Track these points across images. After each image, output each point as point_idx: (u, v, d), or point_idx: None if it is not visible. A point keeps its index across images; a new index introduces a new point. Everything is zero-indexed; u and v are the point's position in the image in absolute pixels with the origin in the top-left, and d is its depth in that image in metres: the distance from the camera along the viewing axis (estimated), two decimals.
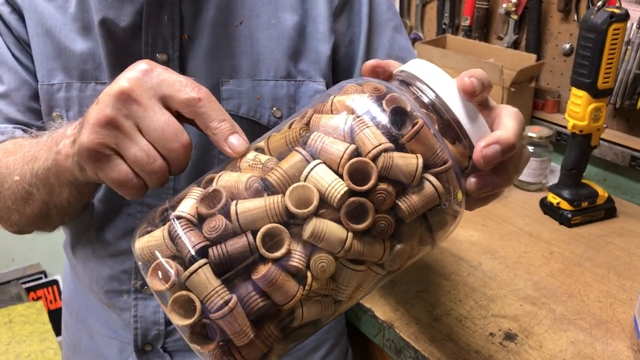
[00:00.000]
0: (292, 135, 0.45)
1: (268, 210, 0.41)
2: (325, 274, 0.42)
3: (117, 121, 0.45)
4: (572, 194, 1.09)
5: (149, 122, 0.45)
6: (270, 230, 0.41)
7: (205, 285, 0.40)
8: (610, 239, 1.04)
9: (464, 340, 0.80)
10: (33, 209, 0.62)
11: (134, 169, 0.45)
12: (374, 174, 0.41)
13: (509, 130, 0.44)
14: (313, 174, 0.42)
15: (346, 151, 0.42)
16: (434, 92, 0.45)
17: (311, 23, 0.72)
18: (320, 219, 0.42)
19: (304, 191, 0.41)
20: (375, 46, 0.77)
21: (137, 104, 0.45)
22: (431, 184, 0.43)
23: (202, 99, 0.46)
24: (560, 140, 1.31)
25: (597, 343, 0.79)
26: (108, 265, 0.76)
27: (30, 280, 2.30)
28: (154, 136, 0.45)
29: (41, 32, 0.68)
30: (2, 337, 1.96)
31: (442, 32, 1.55)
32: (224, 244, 0.41)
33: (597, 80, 1.00)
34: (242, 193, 0.43)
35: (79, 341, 0.86)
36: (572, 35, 1.27)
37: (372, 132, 0.42)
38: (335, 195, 0.41)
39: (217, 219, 0.42)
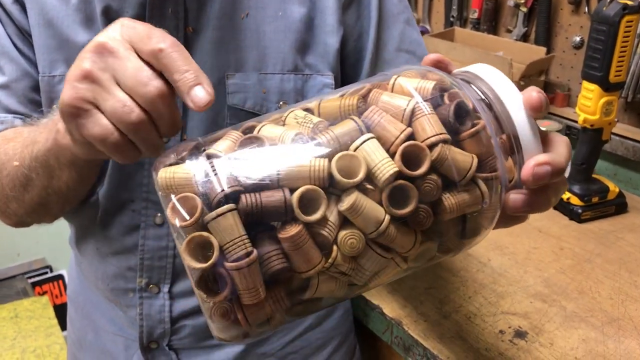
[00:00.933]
0: (348, 103, 0.43)
1: (311, 171, 0.39)
2: (353, 252, 0.40)
3: (93, 74, 0.44)
4: (583, 189, 1.07)
5: (123, 70, 0.44)
6: (310, 192, 0.39)
7: (232, 230, 0.38)
8: (621, 235, 1.02)
9: (473, 337, 0.79)
10: (32, 195, 0.61)
11: (113, 121, 0.44)
12: (426, 162, 0.40)
13: (561, 155, 0.44)
14: (365, 146, 0.40)
15: (403, 131, 0.40)
16: (500, 99, 0.44)
17: (319, 15, 0.70)
18: (362, 194, 0.40)
19: (352, 161, 0.39)
20: (385, 39, 0.75)
21: (113, 56, 0.44)
22: (479, 187, 0.42)
23: (164, 50, 0.43)
24: (571, 135, 1.29)
25: (609, 341, 0.77)
26: (113, 263, 0.75)
27: (36, 274, 2.30)
28: (128, 84, 0.43)
29: (42, 22, 0.67)
30: (8, 332, 1.96)
31: (450, 25, 1.53)
32: (259, 194, 0.39)
33: (609, 74, 0.98)
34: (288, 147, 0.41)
35: (84, 337, 0.86)
36: (583, 27, 1.25)
37: (434, 120, 0.40)
38: (384, 173, 0.39)
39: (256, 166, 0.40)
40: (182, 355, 0.78)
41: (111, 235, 0.73)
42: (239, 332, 0.42)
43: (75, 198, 0.66)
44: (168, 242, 0.72)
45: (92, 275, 0.79)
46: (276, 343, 0.81)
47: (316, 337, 0.84)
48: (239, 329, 0.41)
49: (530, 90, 0.44)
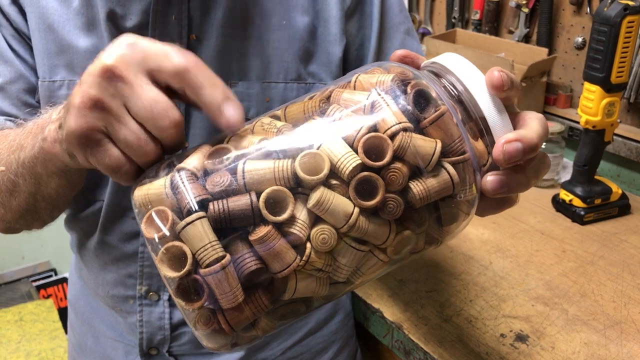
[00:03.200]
0: (310, 105, 0.43)
1: (276, 173, 0.40)
2: (326, 247, 0.41)
3: (103, 102, 0.41)
4: (585, 190, 1.07)
5: (136, 100, 0.41)
6: (275, 194, 0.40)
7: (201, 238, 0.39)
8: (624, 237, 1.02)
9: (474, 341, 0.78)
10: (20, 201, 0.60)
11: (126, 152, 0.43)
12: (389, 151, 0.40)
13: (533, 130, 0.43)
14: (327, 143, 0.40)
15: (364, 125, 0.41)
16: (462, 84, 0.44)
17: (322, 24, 0.70)
18: (328, 189, 0.40)
19: (315, 159, 0.40)
20: (386, 49, 0.75)
21: (123, 82, 0.41)
22: (447, 171, 0.42)
23: (189, 68, 0.42)
24: (573, 136, 1.29)
25: (611, 344, 0.77)
26: (112, 270, 0.75)
27: (41, 278, 2.31)
28: (143, 115, 0.41)
29: (43, 27, 0.66)
30: (12, 335, 1.97)
31: (451, 26, 1.53)
32: (226, 200, 0.39)
33: (611, 75, 0.97)
34: (249, 154, 0.41)
35: (84, 342, 0.86)
36: (585, 28, 1.25)
37: (393, 111, 0.41)
38: (347, 167, 0.40)
39: (222, 174, 0.40)
40: None
41: (111, 243, 0.73)
42: (227, 340, 0.42)
43: (65, 204, 0.65)
44: None
45: (92, 282, 0.79)
46: (276, 348, 0.81)
47: (317, 342, 0.84)
48: (225, 336, 0.41)
49: (491, 70, 0.43)
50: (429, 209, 0.43)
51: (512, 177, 0.44)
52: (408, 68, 0.45)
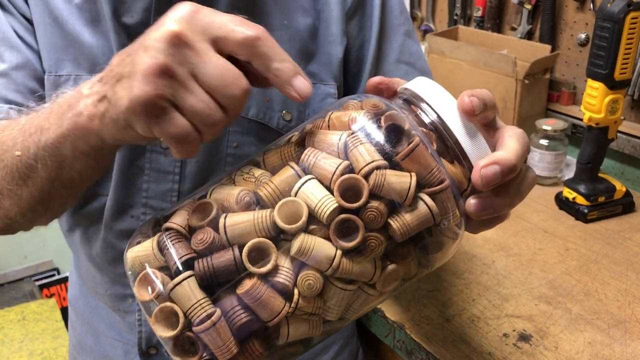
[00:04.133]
0: (287, 150, 0.45)
1: (256, 225, 0.41)
2: (313, 292, 0.42)
3: (172, 69, 0.40)
4: (589, 188, 1.06)
5: (205, 67, 0.40)
6: (257, 245, 0.41)
7: (189, 297, 0.40)
8: (628, 235, 1.01)
9: (476, 341, 0.78)
10: (33, 190, 0.56)
11: (193, 121, 0.41)
12: (365, 191, 0.41)
13: (510, 151, 0.43)
14: (303, 189, 0.41)
15: (338, 167, 0.41)
16: (434, 111, 0.44)
17: (323, 25, 0.70)
18: (309, 235, 0.41)
19: (294, 206, 0.41)
20: (385, 51, 0.75)
21: (190, 49, 0.40)
22: (425, 203, 0.42)
23: (260, 37, 0.41)
24: (576, 133, 1.28)
25: (616, 344, 0.76)
26: (111, 269, 0.75)
27: (43, 277, 2.31)
28: (213, 83, 0.40)
29: (49, 21, 0.65)
30: (15, 334, 1.97)
31: (453, 23, 1.52)
32: (210, 257, 0.41)
33: (614, 71, 0.96)
34: (233, 206, 0.43)
35: (84, 341, 0.86)
36: (588, 24, 1.24)
37: (366, 149, 0.41)
38: (324, 211, 0.40)
39: (205, 231, 0.42)
40: None
41: (110, 241, 0.73)
42: None
43: (81, 191, 0.62)
44: None
45: (91, 281, 0.79)
46: None
47: None
48: None
49: (463, 94, 0.43)
50: (412, 241, 0.44)
51: (494, 199, 0.44)
52: (381, 100, 0.45)
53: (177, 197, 0.70)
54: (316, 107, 0.71)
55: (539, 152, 1.17)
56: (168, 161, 0.68)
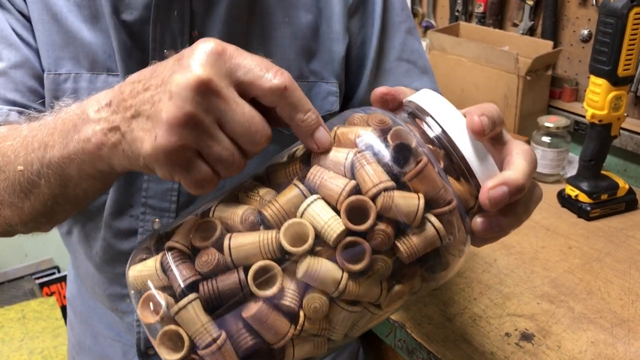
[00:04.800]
0: (292, 168, 0.44)
1: (261, 246, 0.40)
2: (318, 315, 0.41)
3: (197, 118, 0.39)
4: (591, 185, 1.05)
5: (232, 116, 0.40)
6: (263, 267, 0.40)
7: (194, 320, 0.40)
8: (631, 233, 1.00)
9: (478, 340, 0.77)
10: (35, 204, 0.54)
11: (215, 168, 0.42)
12: (372, 214, 0.40)
13: (519, 170, 0.42)
14: (310, 210, 0.40)
15: (345, 188, 0.40)
16: (442, 128, 0.43)
17: (325, 22, 0.69)
18: (315, 257, 0.40)
19: (300, 227, 0.40)
20: (387, 48, 0.74)
21: (217, 96, 0.39)
22: (432, 225, 0.41)
23: (289, 87, 0.41)
24: (579, 130, 1.27)
25: (619, 343, 0.75)
26: (109, 269, 0.74)
27: (44, 275, 2.30)
28: (239, 131, 0.40)
29: (47, 18, 0.65)
30: (15, 333, 1.97)
31: (455, 20, 1.51)
32: (215, 280, 0.40)
33: (617, 68, 0.96)
34: (237, 226, 0.42)
35: (83, 341, 0.85)
36: (591, 20, 1.23)
37: (373, 169, 0.41)
38: (331, 234, 0.40)
39: (209, 252, 0.41)
40: None
41: (108, 241, 0.72)
42: None
43: (86, 205, 0.60)
44: None
45: (89, 281, 0.78)
46: None
47: None
48: None
49: (472, 112, 0.42)
50: (418, 261, 0.43)
51: (501, 218, 0.44)
52: (386, 114, 0.45)
53: (177, 196, 0.69)
54: (317, 106, 0.70)
55: (541, 150, 1.16)
56: None
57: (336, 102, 0.72)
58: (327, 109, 0.71)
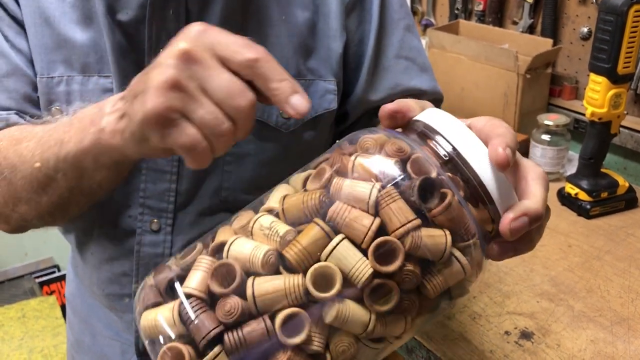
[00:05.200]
0: (311, 202, 0.42)
1: (288, 294, 0.39)
2: (346, 356, 0.41)
3: (181, 83, 0.43)
4: (591, 184, 1.05)
5: (213, 81, 0.43)
6: (290, 315, 0.39)
7: None
8: (631, 231, 1.00)
9: (477, 339, 0.77)
10: (52, 197, 0.58)
11: (203, 131, 0.44)
12: (400, 255, 0.39)
13: (538, 200, 0.43)
14: (336, 252, 0.39)
15: (371, 228, 0.39)
16: (463, 157, 0.42)
17: (322, 19, 0.69)
18: (343, 300, 0.39)
19: (326, 270, 0.39)
20: (385, 45, 0.74)
21: (199, 64, 0.43)
22: (458, 261, 0.41)
23: (260, 59, 0.44)
24: (579, 128, 1.27)
25: (619, 342, 0.75)
26: (107, 268, 0.74)
27: (44, 274, 2.30)
28: (220, 96, 0.43)
29: (39, 22, 0.64)
30: (15, 332, 1.97)
31: (454, 18, 1.51)
32: (240, 330, 0.39)
33: (617, 65, 0.95)
34: (258, 269, 0.40)
35: (82, 340, 0.85)
36: (591, 18, 1.22)
37: (399, 207, 0.40)
38: (360, 277, 0.39)
39: (232, 301, 0.39)
40: None
41: (107, 241, 0.72)
42: None
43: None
44: (164, 249, 0.70)
45: (88, 280, 0.78)
46: None
47: None
48: None
49: (496, 145, 0.42)
50: (441, 294, 0.43)
51: (517, 244, 0.44)
52: (402, 138, 0.44)
53: (175, 197, 0.69)
54: (315, 104, 0.70)
55: (541, 148, 1.16)
56: (165, 161, 0.67)
57: (334, 100, 0.71)
58: (325, 107, 0.71)
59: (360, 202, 0.40)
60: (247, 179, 0.70)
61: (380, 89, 0.74)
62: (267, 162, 0.70)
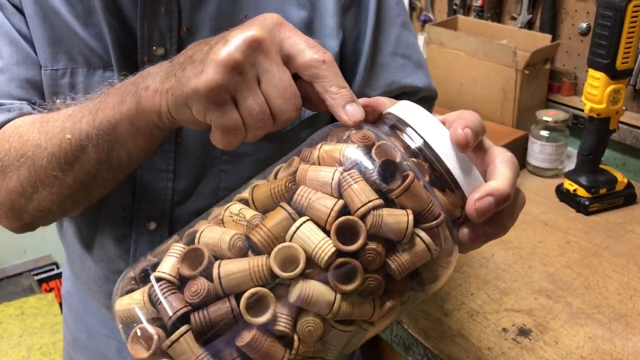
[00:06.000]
0: (277, 189, 0.43)
1: (252, 273, 0.40)
2: (313, 338, 0.41)
3: (243, 67, 0.44)
4: (590, 180, 1.04)
5: (272, 77, 0.44)
6: (255, 294, 0.40)
7: (188, 353, 0.39)
8: (630, 227, 0.99)
9: (475, 336, 0.76)
10: (79, 174, 0.57)
11: (245, 119, 0.45)
12: (362, 234, 0.40)
13: (504, 180, 0.43)
14: (299, 233, 0.40)
15: (334, 208, 0.40)
16: (426, 141, 0.43)
17: (318, 17, 0.69)
18: (307, 280, 0.40)
19: (290, 251, 0.40)
20: (381, 43, 0.73)
21: (264, 55, 0.44)
22: (422, 240, 0.41)
23: (327, 62, 0.45)
24: (577, 124, 1.26)
25: (617, 338, 0.75)
26: (104, 267, 0.73)
27: (42, 271, 2.30)
28: (273, 92, 0.44)
29: (41, 13, 0.64)
30: (14, 329, 1.97)
31: (453, 13, 1.50)
32: (206, 310, 0.40)
33: (616, 61, 0.95)
34: (225, 252, 0.41)
35: (78, 337, 0.85)
36: (590, 13, 1.22)
37: (361, 188, 0.40)
38: (322, 256, 0.39)
39: (199, 282, 0.40)
40: None
41: (103, 240, 0.72)
42: None
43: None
44: None
45: (84, 277, 0.78)
46: None
47: None
48: None
49: (455, 125, 0.43)
50: (409, 276, 0.43)
51: (487, 227, 0.44)
52: (369, 128, 0.45)
53: (172, 196, 0.68)
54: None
55: (540, 144, 1.15)
56: (161, 159, 0.67)
57: None
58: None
59: (323, 185, 0.41)
60: (245, 178, 0.69)
61: (377, 86, 0.74)
62: (264, 161, 0.69)
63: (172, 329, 0.40)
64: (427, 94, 0.79)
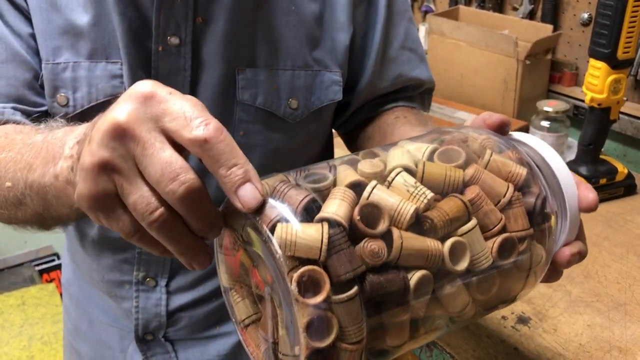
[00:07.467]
0: (454, 179, 0.45)
1: (429, 254, 0.41)
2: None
3: (113, 164, 0.37)
4: (590, 170, 1.04)
5: (148, 160, 0.37)
6: (424, 278, 0.41)
7: (355, 316, 0.38)
8: (630, 217, 0.99)
9: (475, 324, 0.77)
10: (26, 216, 0.54)
11: (137, 218, 0.38)
12: (515, 253, 0.45)
13: (585, 240, 0.50)
14: (471, 234, 0.43)
15: (499, 223, 0.44)
16: (560, 190, 0.48)
17: (329, 11, 0.69)
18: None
19: (458, 247, 0.42)
20: (392, 36, 0.74)
21: (134, 141, 0.37)
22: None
23: (209, 140, 0.37)
24: (578, 115, 1.26)
25: (615, 326, 0.75)
26: (108, 255, 0.73)
27: (43, 262, 2.31)
28: (154, 177, 0.37)
29: (45, 6, 0.63)
30: (15, 319, 1.98)
31: (454, 4, 1.50)
32: (382, 277, 0.38)
33: (617, 51, 0.95)
34: (404, 224, 0.40)
35: (79, 326, 0.85)
36: (591, 4, 1.21)
37: (522, 213, 0.46)
38: (480, 265, 0.44)
39: (378, 244, 0.38)
40: (178, 347, 0.77)
41: (107, 232, 0.72)
42: None
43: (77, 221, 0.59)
44: None
45: (87, 266, 0.78)
46: None
47: None
48: None
49: (587, 190, 0.48)
50: None
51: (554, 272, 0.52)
52: (523, 154, 0.49)
53: None
54: (321, 95, 0.70)
55: (540, 134, 1.15)
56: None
57: (339, 91, 0.72)
58: (331, 98, 0.71)
59: (495, 196, 0.45)
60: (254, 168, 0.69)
61: (386, 79, 0.75)
62: (273, 152, 0.70)
63: (345, 284, 0.37)
64: (428, 86, 0.81)
